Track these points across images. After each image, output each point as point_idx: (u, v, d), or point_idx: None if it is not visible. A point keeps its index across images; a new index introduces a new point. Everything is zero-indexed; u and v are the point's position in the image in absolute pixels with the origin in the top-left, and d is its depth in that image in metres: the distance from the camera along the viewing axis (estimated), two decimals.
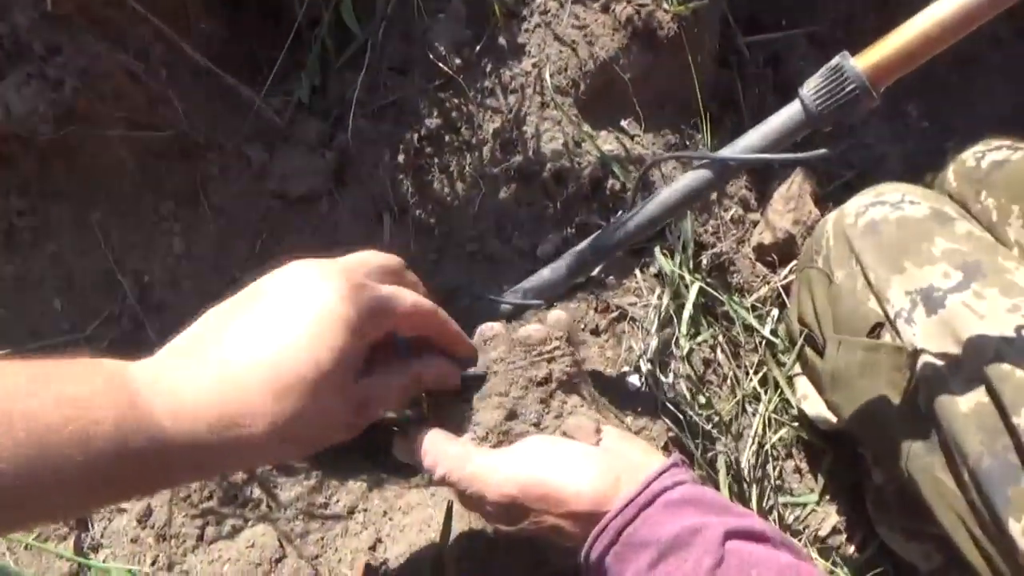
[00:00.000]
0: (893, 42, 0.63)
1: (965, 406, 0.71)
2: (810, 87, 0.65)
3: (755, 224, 1.07)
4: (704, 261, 0.97)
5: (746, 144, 0.69)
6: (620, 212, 0.96)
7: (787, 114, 0.67)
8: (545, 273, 0.78)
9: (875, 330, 0.80)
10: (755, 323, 0.98)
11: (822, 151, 0.67)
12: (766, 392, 0.95)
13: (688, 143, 1.04)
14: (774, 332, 0.99)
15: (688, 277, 0.92)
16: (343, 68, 0.91)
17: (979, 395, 0.71)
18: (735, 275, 1.01)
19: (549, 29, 0.96)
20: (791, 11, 1.29)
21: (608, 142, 0.96)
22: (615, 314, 0.89)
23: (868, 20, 1.27)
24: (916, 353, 0.75)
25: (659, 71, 1.00)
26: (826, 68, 0.65)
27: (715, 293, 0.94)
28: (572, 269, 0.77)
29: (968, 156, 0.97)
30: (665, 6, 0.98)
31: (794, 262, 1.03)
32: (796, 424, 0.96)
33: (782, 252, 1.03)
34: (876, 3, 1.29)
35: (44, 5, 0.69)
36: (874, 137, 1.24)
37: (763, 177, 1.11)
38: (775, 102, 1.22)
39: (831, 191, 1.12)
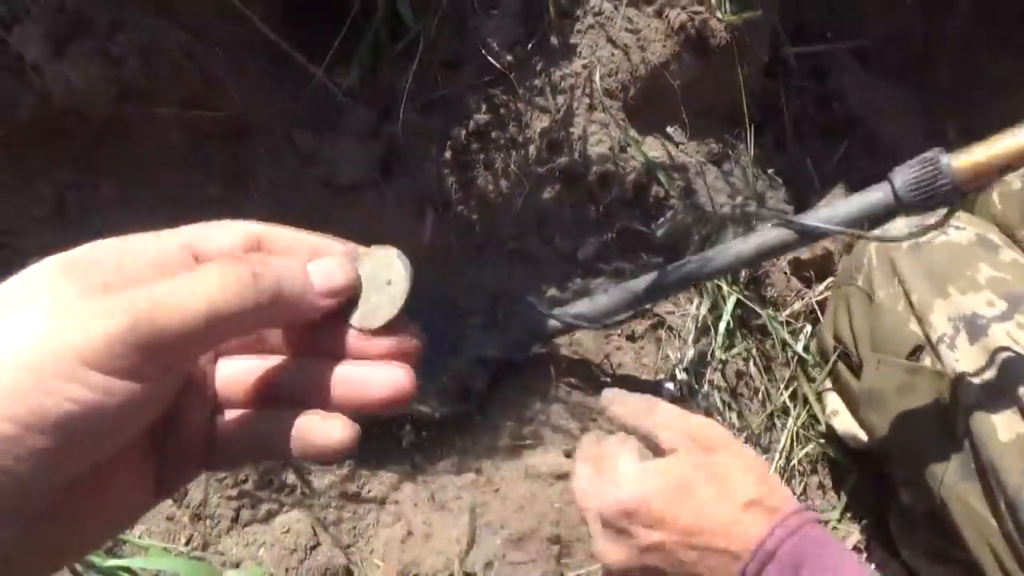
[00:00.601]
0: (992, 151, 0.65)
1: (1005, 435, 0.71)
2: (904, 176, 0.67)
3: None
4: (741, 274, 0.97)
5: (831, 214, 0.71)
6: (660, 219, 0.96)
7: (876, 195, 0.69)
8: (601, 300, 0.80)
9: (915, 352, 0.80)
10: (788, 338, 0.98)
11: (905, 234, 0.69)
12: (795, 407, 0.96)
13: (731, 152, 1.04)
14: (806, 348, 0.99)
15: (726, 289, 0.92)
16: (395, 59, 0.91)
17: (1020, 425, 0.71)
18: (770, 289, 1.01)
19: (602, 31, 0.95)
20: (837, 24, 1.28)
21: (654, 148, 0.96)
22: (653, 321, 0.89)
23: (916, 36, 1.26)
24: (957, 379, 0.75)
25: (708, 79, 0.99)
26: (921, 159, 0.67)
27: (752, 306, 0.94)
28: (628, 303, 0.79)
29: (1014, 178, 0.96)
30: (718, 15, 0.97)
31: (831, 279, 1.02)
32: (822, 441, 0.96)
33: (819, 268, 1.03)
34: (924, 19, 1.28)
35: None
36: (912, 157, 1.23)
37: (801, 193, 1.11)
38: (818, 115, 1.21)
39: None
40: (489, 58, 0.90)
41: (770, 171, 1.09)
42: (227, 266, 0.30)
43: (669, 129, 0.99)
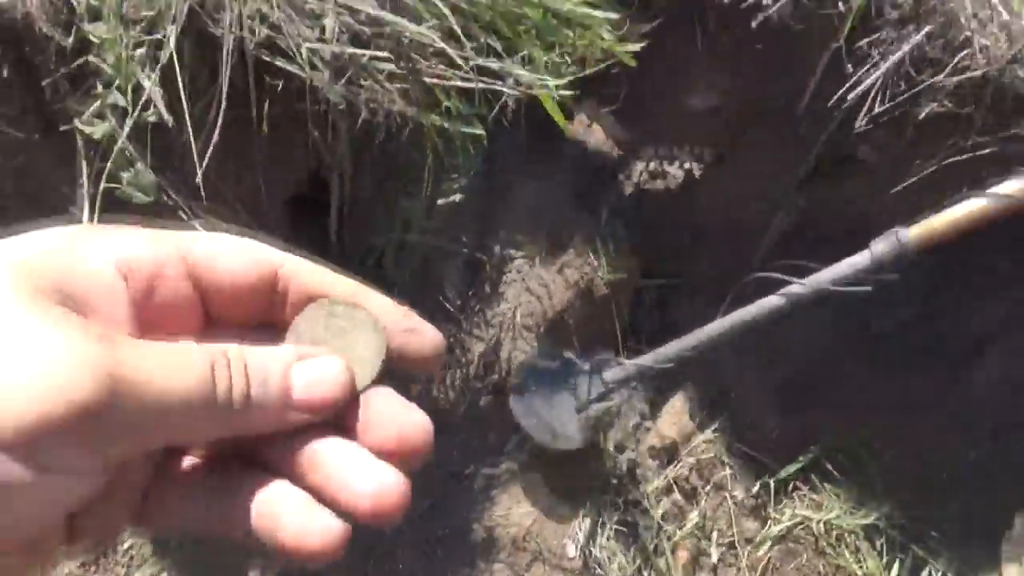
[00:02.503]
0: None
1: None
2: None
3: (648, 430, 1.47)
4: (621, 464, 1.34)
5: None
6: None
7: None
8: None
9: None
10: (648, 506, 1.35)
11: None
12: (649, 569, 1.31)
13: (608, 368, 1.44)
14: (664, 516, 1.36)
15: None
16: None
17: None
18: (636, 469, 1.39)
19: (523, 283, 1.35)
20: (678, 263, 1.77)
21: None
22: None
23: (736, 278, 1.77)
24: None
25: (593, 316, 1.40)
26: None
27: (626, 485, 1.31)
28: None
29: None
30: (600, 274, 1.40)
31: (677, 461, 1.42)
32: None
33: (669, 453, 1.42)
34: (742, 262, 1.80)
35: None
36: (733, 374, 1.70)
37: (658, 391, 1.52)
38: (663, 335, 1.66)
39: (697, 407, 1.55)
40: (444, 302, 1.26)
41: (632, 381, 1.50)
42: (209, 357, 0.25)
43: (567, 353, 1.38)
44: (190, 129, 0.77)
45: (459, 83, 0.90)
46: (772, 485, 1.49)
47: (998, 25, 1.11)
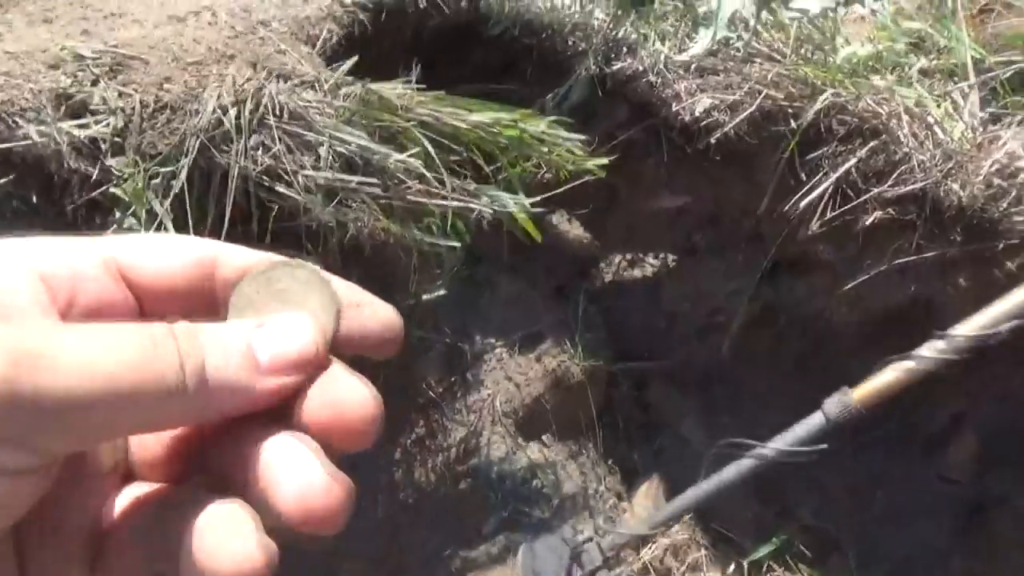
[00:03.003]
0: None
1: None
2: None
3: (625, 510, 1.52)
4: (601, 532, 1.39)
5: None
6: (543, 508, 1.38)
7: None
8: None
9: None
10: None
11: None
12: None
13: (583, 451, 1.51)
14: None
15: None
16: None
17: None
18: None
19: (502, 370, 1.42)
20: (653, 348, 1.85)
21: (533, 452, 1.41)
22: None
23: (698, 366, 1.85)
24: None
25: (569, 403, 1.48)
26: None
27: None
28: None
29: None
30: (575, 362, 1.48)
31: (651, 542, 1.47)
32: None
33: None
34: (712, 349, 1.89)
35: None
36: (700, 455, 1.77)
37: (628, 479, 1.58)
38: (639, 418, 1.73)
39: (672, 488, 1.61)
40: (427, 389, 1.33)
41: (609, 462, 1.56)
42: (147, 332, 0.22)
43: (544, 437, 1.44)
44: None
45: (439, 202, 1.00)
46: (746, 566, 1.54)
47: (933, 143, 1.22)
